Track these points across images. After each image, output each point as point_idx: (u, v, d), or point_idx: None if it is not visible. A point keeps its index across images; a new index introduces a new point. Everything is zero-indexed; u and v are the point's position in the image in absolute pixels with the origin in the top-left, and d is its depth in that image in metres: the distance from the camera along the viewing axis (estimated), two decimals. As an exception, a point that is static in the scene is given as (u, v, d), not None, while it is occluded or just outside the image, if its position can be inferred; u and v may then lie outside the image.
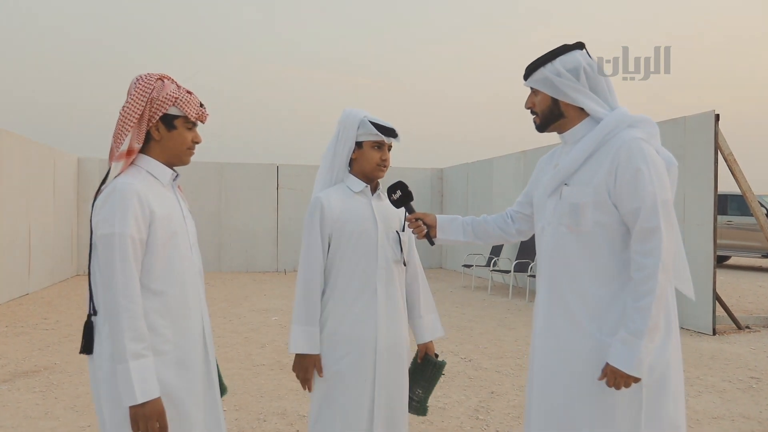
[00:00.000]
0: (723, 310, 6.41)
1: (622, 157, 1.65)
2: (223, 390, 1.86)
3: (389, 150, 2.15)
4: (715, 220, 6.17)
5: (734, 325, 6.43)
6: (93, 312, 1.57)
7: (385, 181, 2.00)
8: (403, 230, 2.18)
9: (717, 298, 6.22)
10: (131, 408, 1.50)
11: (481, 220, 2.15)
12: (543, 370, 1.79)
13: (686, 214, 6.45)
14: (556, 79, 1.76)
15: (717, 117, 6.16)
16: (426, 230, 2.07)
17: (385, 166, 2.12)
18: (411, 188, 2.14)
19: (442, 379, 2.26)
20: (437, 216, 2.12)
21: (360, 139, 2.10)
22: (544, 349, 1.80)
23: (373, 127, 2.08)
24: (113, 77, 23.40)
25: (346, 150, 2.11)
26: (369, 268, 2.07)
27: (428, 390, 2.24)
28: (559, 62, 1.76)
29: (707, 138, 6.24)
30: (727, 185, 7.63)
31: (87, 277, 1.61)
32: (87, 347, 1.57)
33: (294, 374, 2.10)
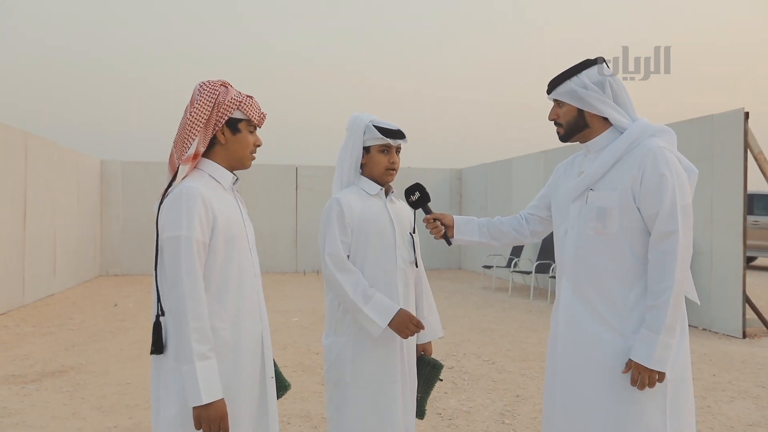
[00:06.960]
0: (753, 313, 6.25)
1: (648, 164, 1.73)
2: (286, 387, 1.91)
3: (398, 152, 2.19)
4: (745, 220, 6.03)
5: (765, 329, 6.26)
6: (161, 312, 1.60)
7: (403, 183, 2.00)
8: (414, 232, 2.23)
9: (747, 300, 6.07)
10: (195, 409, 1.52)
11: (495, 221, 2.21)
12: (568, 369, 1.84)
13: (714, 215, 6.30)
14: (582, 91, 1.83)
15: (746, 115, 6.02)
16: (443, 230, 2.14)
17: (394, 170, 2.16)
18: (429, 189, 2.20)
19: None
20: (454, 217, 2.20)
21: (367, 144, 2.14)
22: (569, 347, 1.85)
23: (377, 131, 2.10)
24: (134, 82, 23.77)
25: (355, 155, 2.15)
26: (389, 268, 2.11)
27: (426, 391, 2.27)
28: (584, 75, 1.83)
29: (736, 136, 6.09)
30: (755, 184, 7.43)
31: (154, 278, 1.65)
32: (158, 347, 1.59)
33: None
